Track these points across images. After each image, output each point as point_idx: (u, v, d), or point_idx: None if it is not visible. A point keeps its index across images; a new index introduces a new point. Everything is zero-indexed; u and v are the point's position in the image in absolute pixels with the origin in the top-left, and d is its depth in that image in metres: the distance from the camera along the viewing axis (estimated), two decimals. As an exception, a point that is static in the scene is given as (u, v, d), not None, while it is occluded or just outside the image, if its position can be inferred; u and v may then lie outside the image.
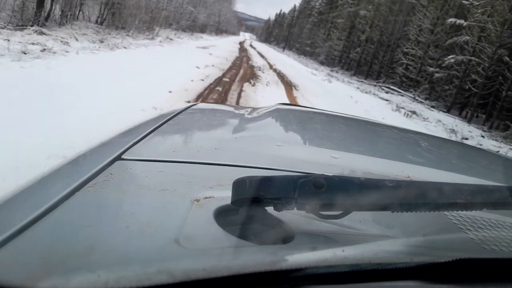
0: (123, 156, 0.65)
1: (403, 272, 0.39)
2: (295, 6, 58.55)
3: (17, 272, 0.32)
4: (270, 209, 0.46)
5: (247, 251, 0.43)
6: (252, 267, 0.34)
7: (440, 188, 0.47)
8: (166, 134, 0.90)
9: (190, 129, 1.03)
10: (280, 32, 68.00)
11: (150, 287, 0.30)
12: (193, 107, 1.23)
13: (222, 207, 0.51)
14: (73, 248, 0.37)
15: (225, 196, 0.51)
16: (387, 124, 1.68)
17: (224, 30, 57.77)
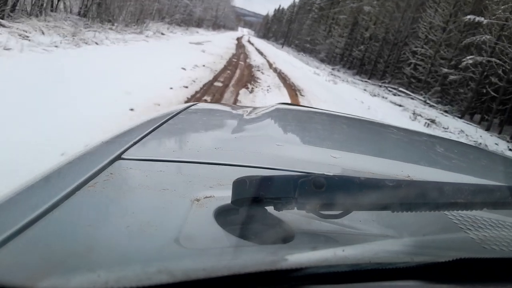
0: (123, 156, 0.65)
1: (404, 272, 0.39)
2: (295, 1, 57.60)
3: (17, 272, 0.32)
4: (270, 209, 0.46)
5: (247, 251, 0.43)
6: (252, 267, 0.34)
7: (441, 188, 0.47)
8: (166, 134, 0.89)
9: (190, 129, 1.03)
10: (279, 28, 66.87)
11: (150, 287, 0.30)
12: (193, 107, 1.22)
13: (222, 207, 0.51)
14: (73, 248, 0.38)
15: (225, 196, 0.51)
16: (387, 124, 1.66)
17: (222, 25, 56.83)
